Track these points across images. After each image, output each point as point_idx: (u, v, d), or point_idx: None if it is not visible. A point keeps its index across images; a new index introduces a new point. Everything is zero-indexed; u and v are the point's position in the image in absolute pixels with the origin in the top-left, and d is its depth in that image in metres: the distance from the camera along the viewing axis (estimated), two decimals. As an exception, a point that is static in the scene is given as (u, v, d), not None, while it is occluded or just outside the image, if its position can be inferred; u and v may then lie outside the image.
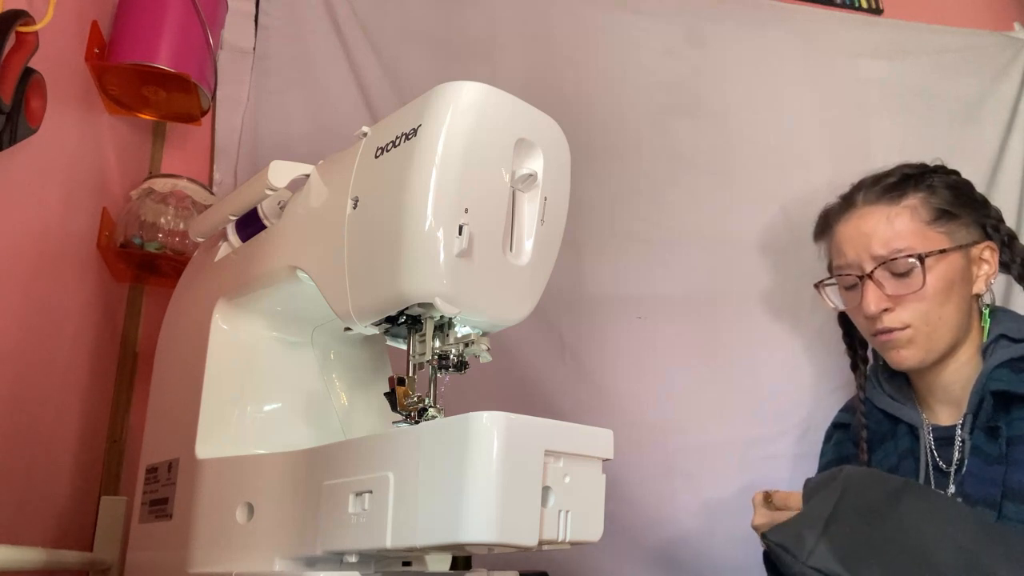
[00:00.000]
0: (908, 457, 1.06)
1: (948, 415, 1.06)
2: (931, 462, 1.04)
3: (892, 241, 1.04)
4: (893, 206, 1.06)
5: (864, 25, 1.72)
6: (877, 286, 1.04)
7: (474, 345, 0.71)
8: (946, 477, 1.02)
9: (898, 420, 1.10)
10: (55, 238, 1.01)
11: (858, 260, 1.06)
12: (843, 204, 1.12)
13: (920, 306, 1.03)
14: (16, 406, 0.92)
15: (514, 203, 0.72)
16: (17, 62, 0.79)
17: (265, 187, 0.81)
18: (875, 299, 1.04)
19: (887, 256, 1.03)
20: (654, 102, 1.55)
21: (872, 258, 1.05)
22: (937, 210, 1.05)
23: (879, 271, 1.04)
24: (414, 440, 0.63)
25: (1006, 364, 0.99)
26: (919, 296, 1.02)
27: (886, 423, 1.11)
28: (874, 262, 1.04)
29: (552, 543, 0.62)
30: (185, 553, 0.80)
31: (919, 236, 1.04)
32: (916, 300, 1.03)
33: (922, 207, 1.05)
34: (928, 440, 1.05)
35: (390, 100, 1.39)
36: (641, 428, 1.38)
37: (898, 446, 1.08)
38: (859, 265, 1.06)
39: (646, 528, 1.34)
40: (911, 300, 1.03)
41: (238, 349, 0.88)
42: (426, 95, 0.70)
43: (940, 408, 1.08)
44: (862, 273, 1.05)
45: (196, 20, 1.17)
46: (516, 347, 1.35)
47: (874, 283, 1.04)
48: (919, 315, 1.03)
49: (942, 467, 1.03)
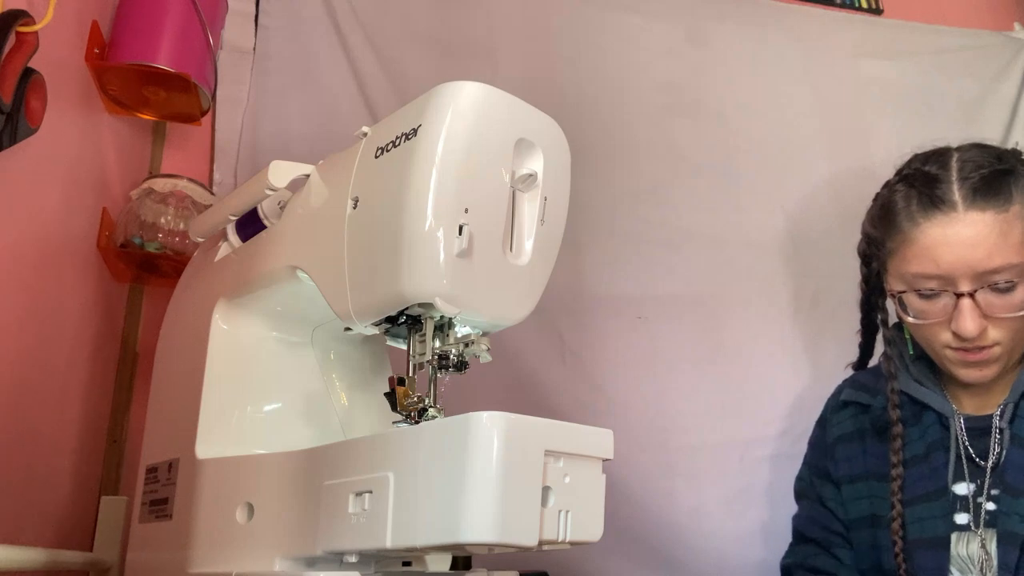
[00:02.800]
0: (938, 448, 0.99)
1: (977, 405, 1.01)
2: (963, 453, 0.98)
3: (1003, 256, 0.89)
4: (1003, 213, 0.90)
5: (864, 25, 1.72)
6: (976, 305, 0.91)
7: (474, 345, 0.71)
8: (980, 469, 0.96)
9: (924, 406, 1.02)
10: (55, 238, 1.01)
11: (954, 273, 0.90)
12: (931, 201, 0.93)
13: (1013, 326, 0.92)
14: (16, 406, 0.92)
15: (514, 203, 0.72)
16: (17, 62, 0.79)
17: (265, 187, 0.81)
18: (975, 320, 0.90)
19: (995, 272, 0.89)
20: (654, 102, 1.55)
21: (976, 274, 0.90)
22: None
23: (984, 290, 0.90)
24: (414, 440, 0.63)
25: None
26: (1019, 318, 0.91)
27: (909, 407, 1.03)
28: (977, 279, 0.90)
29: (552, 543, 0.62)
30: (185, 553, 0.80)
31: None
32: (1014, 321, 0.91)
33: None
34: (960, 430, 0.99)
35: (390, 100, 1.39)
36: (641, 428, 1.38)
37: (925, 435, 1.01)
38: (953, 279, 0.91)
39: (646, 528, 1.34)
40: (1009, 321, 0.91)
41: (238, 349, 0.88)
42: (426, 95, 0.70)
43: (968, 398, 1.02)
44: (958, 290, 0.91)
45: (196, 20, 1.17)
46: (516, 347, 1.35)
47: (974, 302, 0.90)
48: (1010, 334, 0.93)
49: (975, 458, 0.97)
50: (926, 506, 0.97)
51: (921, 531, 0.96)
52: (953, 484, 0.97)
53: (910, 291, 0.95)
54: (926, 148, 1.02)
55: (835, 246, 1.45)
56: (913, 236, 0.93)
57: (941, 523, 0.95)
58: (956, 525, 0.95)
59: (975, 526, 0.94)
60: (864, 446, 1.06)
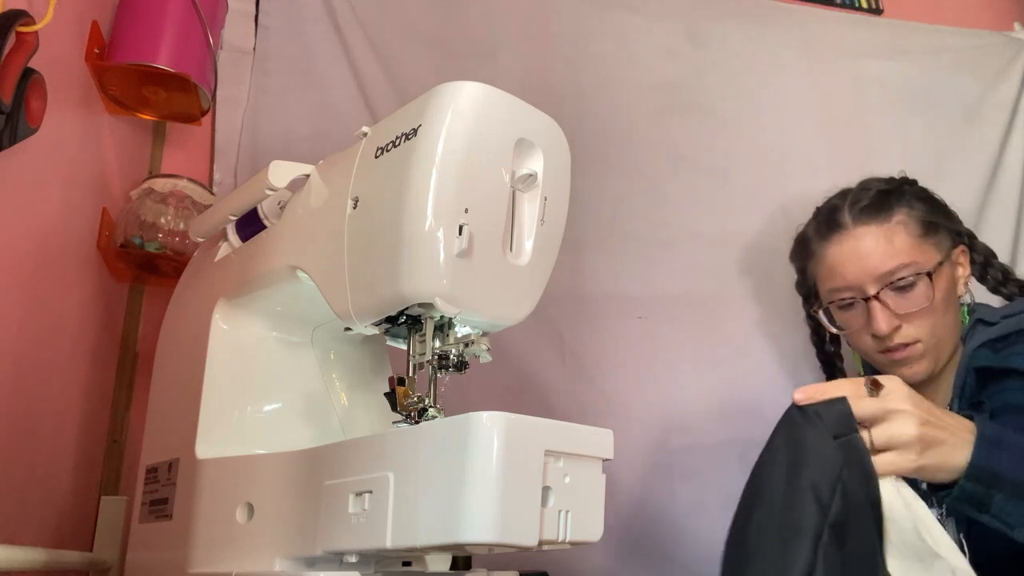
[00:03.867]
0: None
1: None
2: None
3: (894, 258, 1.03)
4: (885, 223, 1.05)
5: (864, 25, 1.72)
6: (884, 305, 1.03)
7: (474, 345, 0.71)
8: None
9: None
10: (55, 238, 1.01)
11: (859, 282, 1.05)
12: (828, 226, 1.10)
13: (927, 320, 1.03)
14: (16, 406, 0.92)
15: (514, 203, 0.72)
16: (17, 62, 0.79)
17: (265, 187, 0.81)
18: (885, 319, 1.03)
19: (892, 274, 1.03)
20: (654, 102, 1.55)
21: (875, 278, 1.04)
22: (923, 223, 1.06)
23: (885, 290, 1.03)
24: (414, 440, 0.63)
25: (985, 345, 1.01)
26: (927, 311, 1.02)
27: None
28: (878, 282, 1.04)
29: (552, 543, 0.62)
30: (185, 553, 0.80)
31: (918, 251, 1.04)
32: (924, 315, 1.03)
33: (910, 221, 1.06)
34: None
35: (390, 100, 1.39)
36: (641, 428, 1.38)
37: None
38: (860, 287, 1.05)
39: (646, 528, 1.34)
40: (919, 316, 1.03)
41: (238, 349, 0.88)
42: (426, 95, 0.70)
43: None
44: (865, 295, 1.04)
45: (196, 20, 1.17)
46: (516, 347, 1.35)
47: (881, 303, 1.03)
48: (927, 329, 1.03)
49: None
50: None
51: None
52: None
53: (832, 305, 1.10)
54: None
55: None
56: (820, 257, 1.11)
57: None
58: None
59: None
60: None
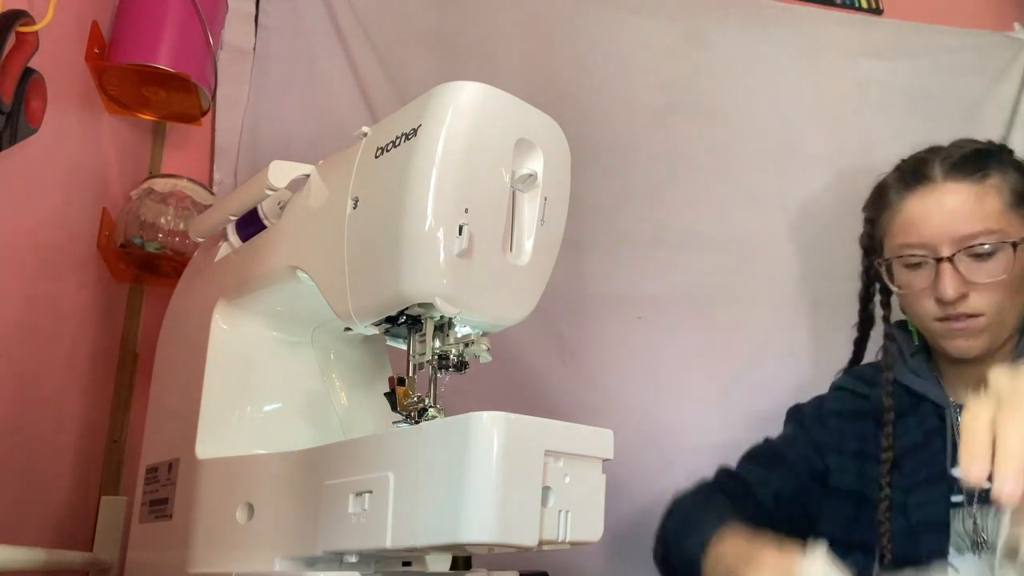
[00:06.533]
0: (936, 437, 1.01)
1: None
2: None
3: (981, 221, 0.96)
4: (979, 184, 0.97)
5: (864, 25, 1.72)
6: (955, 270, 0.96)
7: (474, 345, 0.71)
8: None
9: (921, 397, 1.05)
10: (55, 238, 1.01)
11: (935, 240, 0.98)
12: (914, 176, 1.01)
13: (997, 295, 0.97)
14: (16, 406, 0.92)
15: (514, 203, 0.72)
16: (17, 62, 0.79)
17: (265, 187, 0.81)
18: (954, 283, 0.96)
19: (973, 237, 0.96)
20: (654, 102, 1.55)
21: (955, 239, 0.96)
22: (1016, 192, 0.99)
23: (960, 254, 0.96)
24: (414, 440, 0.63)
25: None
26: (1000, 285, 0.96)
27: (906, 398, 1.06)
28: (956, 244, 0.96)
29: (552, 543, 0.62)
30: (185, 553, 0.80)
31: (1006, 219, 0.97)
32: (995, 289, 0.96)
33: (1004, 187, 0.98)
34: (956, 420, 1.01)
35: (390, 100, 1.39)
36: (641, 428, 1.38)
37: (923, 424, 1.03)
38: (934, 246, 0.98)
39: (646, 528, 1.34)
40: (990, 288, 0.96)
41: (238, 349, 0.88)
42: (426, 95, 0.70)
43: (964, 389, 1.04)
44: (938, 256, 0.97)
45: (196, 20, 1.17)
46: (516, 347, 1.35)
47: (953, 266, 0.96)
48: (995, 304, 0.97)
49: None
50: (926, 490, 0.99)
51: (924, 515, 0.98)
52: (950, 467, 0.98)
53: (896, 262, 1.02)
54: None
55: (835, 246, 1.45)
56: (898, 208, 1.02)
57: (942, 506, 0.97)
58: (952, 503, 0.97)
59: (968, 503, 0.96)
60: (857, 426, 1.08)
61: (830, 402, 1.14)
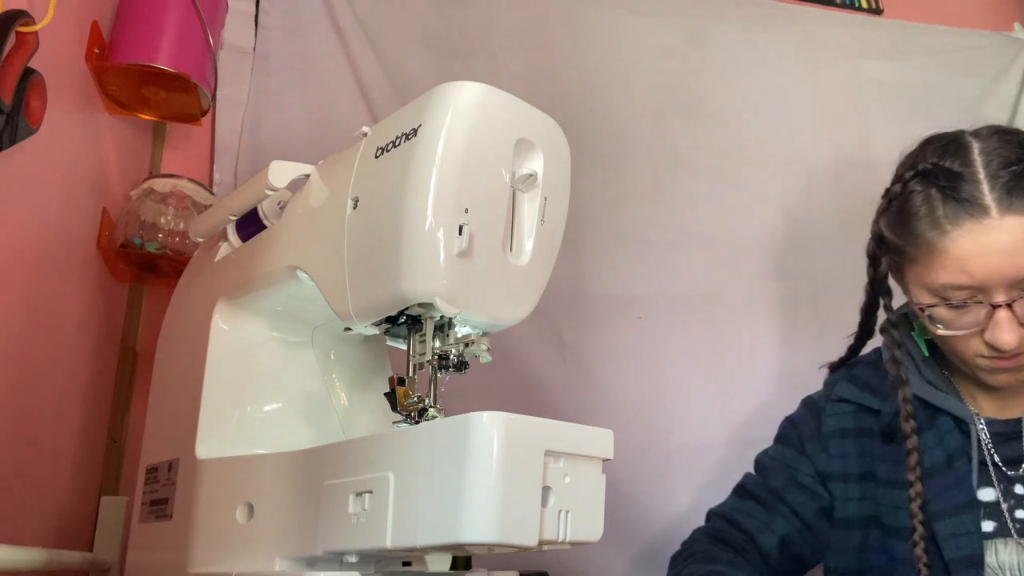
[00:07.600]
0: (961, 456, 0.91)
1: (997, 407, 0.94)
2: (989, 461, 0.91)
3: None
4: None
5: (864, 25, 1.73)
6: (1013, 315, 0.82)
7: (474, 345, 0.71)
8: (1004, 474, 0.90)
9: (937, 410, 0.94)
10: (55, 238, 1.01)
11: (989, 283, 0.81)
12: (962, 205, 0.82)
13: None
14: (16, 406, 0.92)
15: (514, 203, 0.72)
16: (17, 62, 0.79)
17: (265, 187, 0.81)
18: (1014, 331, 0.83)
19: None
20: (654, 102, 1.55)
21: (1014, 282, 0.81)
22: None
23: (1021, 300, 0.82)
24: (414, 440, 0.63)
25: None
26: None
27: (921, 412, 0.94)
28: (1015, 288, 0.81)
29: (552, 543, 0.62)
30: (185, 553, 0.80)
31: None
32: None
33: None
34: (983, 436, 0.92)
35: (390, 100, 1.39)
36: (641, 428, 1.38)
37: (944, 442, 0.93)
38: (988, 289, 0.82)
39: (646, 528, 1.34)
40: None
41: (238, 349, 0.88)
42: (426, 95, 0.70)
43: (987, 400, 0.95)
44: (994, 301, 0.82)
45: (196, 20, 1.17)
46: (516, 347, 1.35)
47: (1012, 313, 0.82)
48: None
49: (1001, 466, 0.90)
50: (957, 520, 0.89)
51: (957, 549, 0.88)
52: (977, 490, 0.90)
53: (937, 301, 0.86)
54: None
55: (835, 246, 1.45)
56: (941, 246, 0.83)
57: (976, 538, 0.88)
58: (984, 534, 0.89)
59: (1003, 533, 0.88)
60: (864, 447, 0.99)
61: (830, 419, 1.02)
